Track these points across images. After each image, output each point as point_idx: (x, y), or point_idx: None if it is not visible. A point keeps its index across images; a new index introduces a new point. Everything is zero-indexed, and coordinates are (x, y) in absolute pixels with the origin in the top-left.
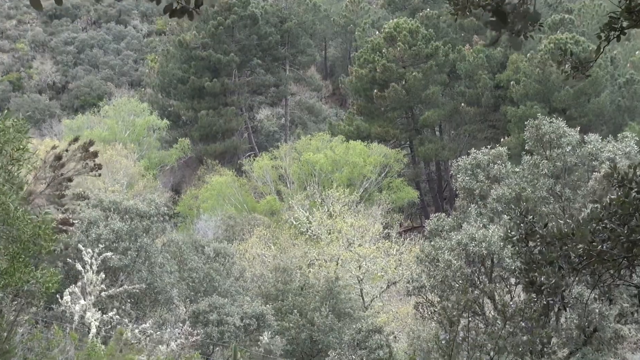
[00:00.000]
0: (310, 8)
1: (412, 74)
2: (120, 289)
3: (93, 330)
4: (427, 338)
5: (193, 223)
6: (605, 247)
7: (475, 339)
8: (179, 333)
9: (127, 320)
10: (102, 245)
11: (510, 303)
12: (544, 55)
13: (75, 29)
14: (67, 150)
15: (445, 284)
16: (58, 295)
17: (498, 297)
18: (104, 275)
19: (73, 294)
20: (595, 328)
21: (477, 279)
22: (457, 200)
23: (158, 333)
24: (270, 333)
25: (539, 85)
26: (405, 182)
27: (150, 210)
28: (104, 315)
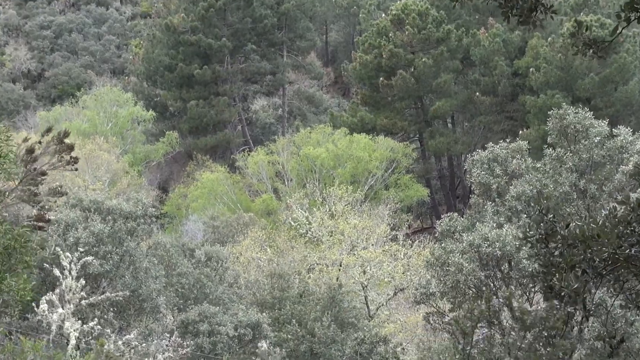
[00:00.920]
0: None
1: (421, 60)
2: (102, 297)
3: (72, 342)
4: (438, 350)
5: (182, 224)
6: (635, 251)
7: (491, 351)
8: (167, 345)
9: (109, 331)
10: (81, 250)
11: (530, 310)
12: (566, 40)
13: (52, 12)
14: (40, 142)
15: (457, 290)
16: (34, 304)
17: (516, 303)
18: (84, 282)
19: (50, 302)
20: (622, 338)
21: (492, 284)
22: (471, 198)
23: (144, 345)
24: (268, 344)
25: (561, 73)
26: (415, 178)
27: (137, 211)
28: (84, 326)
